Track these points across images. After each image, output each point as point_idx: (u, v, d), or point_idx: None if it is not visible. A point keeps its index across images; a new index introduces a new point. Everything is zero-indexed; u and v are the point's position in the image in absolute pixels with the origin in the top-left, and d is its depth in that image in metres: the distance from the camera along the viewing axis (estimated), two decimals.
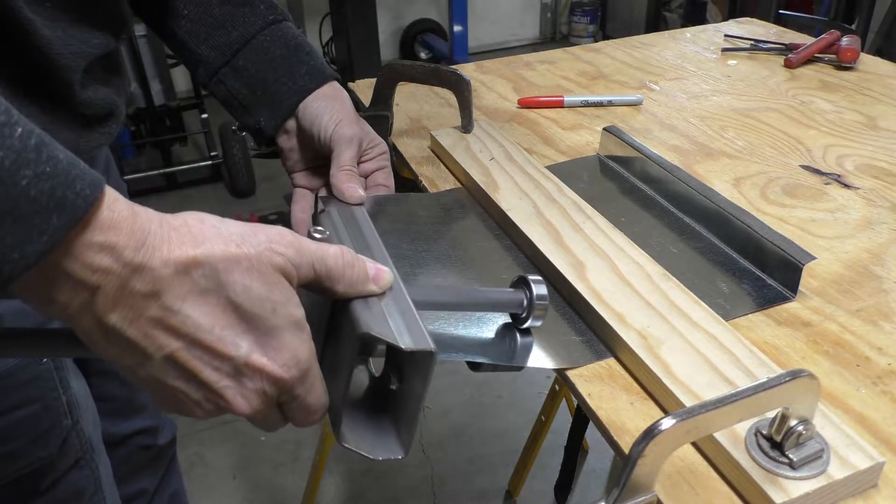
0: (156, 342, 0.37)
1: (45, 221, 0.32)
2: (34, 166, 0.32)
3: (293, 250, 0.40)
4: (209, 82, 0.70)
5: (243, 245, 0.39)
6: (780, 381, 0.39)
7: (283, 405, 0.43)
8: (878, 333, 0.55)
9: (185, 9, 0.68)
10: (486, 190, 0.73)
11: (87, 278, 0.34)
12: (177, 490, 1.04)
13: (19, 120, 0.33)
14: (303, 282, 0.42)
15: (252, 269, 0.39)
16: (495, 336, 0.56)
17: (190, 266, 0.37)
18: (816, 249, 0.65)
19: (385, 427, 0.46)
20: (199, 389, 0.39)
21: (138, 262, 0.35)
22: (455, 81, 0.82)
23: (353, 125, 0.68)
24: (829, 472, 0.41)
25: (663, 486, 0.43)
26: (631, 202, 0.74)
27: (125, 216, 0.35)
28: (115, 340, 0.37)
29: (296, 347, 0.41)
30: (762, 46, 1.16)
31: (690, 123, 0.92)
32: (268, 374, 0.40)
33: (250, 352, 0.39)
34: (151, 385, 0.40)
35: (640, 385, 0.51)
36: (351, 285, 0.43)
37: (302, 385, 0.42)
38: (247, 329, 0.39)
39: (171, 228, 0.37)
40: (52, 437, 0.61)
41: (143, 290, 0.36)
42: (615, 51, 1.19)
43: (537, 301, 0.53)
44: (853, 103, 0.95)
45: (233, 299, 0.38)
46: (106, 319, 0.36)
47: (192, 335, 0.38)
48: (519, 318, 0.55)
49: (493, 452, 1.72)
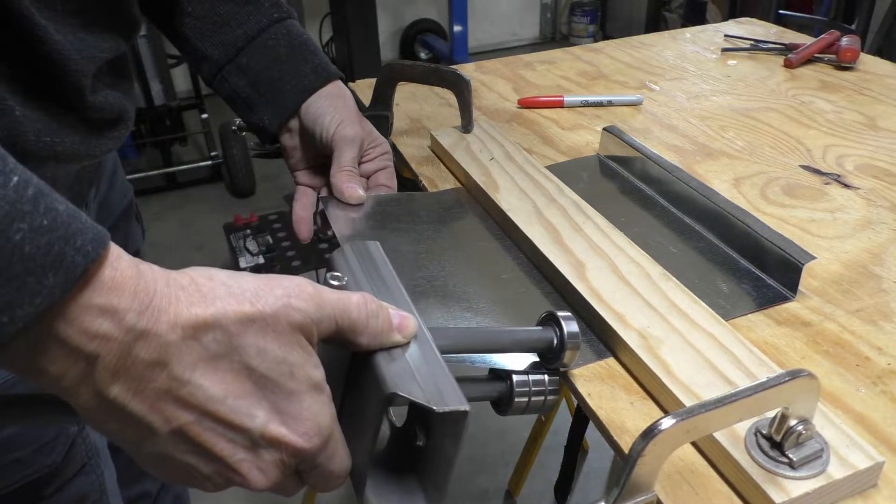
0: (163, 415, 0.34)
1: (40, 281, 0.29)
2: (30, 219, 0.29)
3: (313, 304, 0.37)
4: (213, 80, 0.70)
5: (258, 303, 0.35)
6: (779, 381, 0.39)
7: (303, 473, 0.40)
8: (877, 333, 0.55)
9: (190, 6, 0.68)
10: (486, 190, 0.73)
11: (84, 346, 0.31)
12: (180, 492, 1.04)
13: (15, 168, 0.30)
14: (323, 337, 0.38)
15: (268, 329, 0.35)
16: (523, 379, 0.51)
17: (200, 329, 0.34)
18: (816, 249, 0.65)
19: (411, 486, 0.42)
20: (212, 463, 0.36)
21: (142, 328, 0.32)
22: (455, 81, 0.82)
23: (355, 125, 0.68)
24: (828, 472, 0.41)
25: (663, 485, 0.43)
26: (631, 202, 0.74)
27: (129, 275, 0.32)
28: (117, 415, 0.33)
29: (316, 413, 0.37)
30: (762, 46, 1.16)
31: (690, 123, 0.92)
32: (286, 445, 0.37)
33: (267, 422, 0.36)
34: (157, 460, 0.36)
35: (640, 385, 0.51)
36: (375, 337, 0.40)
37: (324, 453, 0.38)
38: (262, 396, 0.36)
39: (179, 288, 0.34)
40: (58, 445, 0.61)
41: (147, 359, 0.32)
42: (615, 51, 1.19)
43: (570, 340, 0.48)
44: (853, 103, 0.95)
45: (247, 363, 0.35)
46: (106, 392, 0.32)
47: (204, 406, 0.34)
48: (548, 359, 0.50)
49: (493, 452, 1.72)
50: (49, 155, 0.48)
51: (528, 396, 0.48)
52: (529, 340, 0.50)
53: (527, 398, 0.49)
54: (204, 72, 0.70)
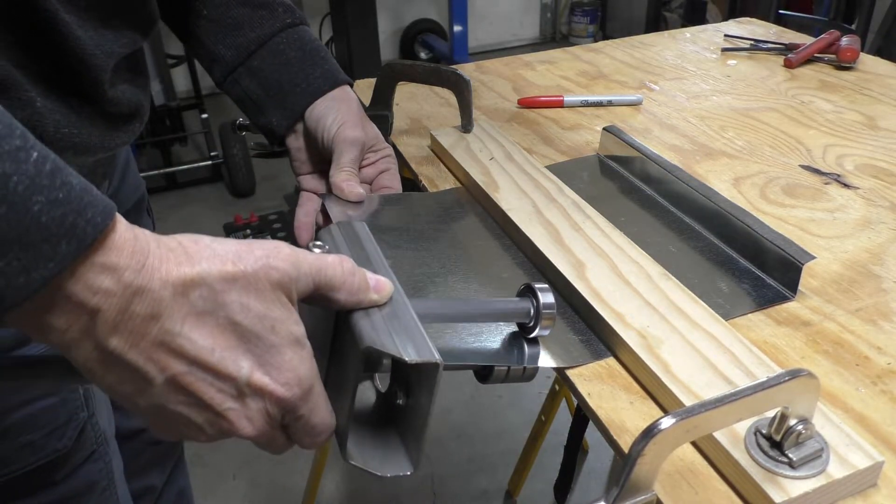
0: (158, 365, 0.36)
1: (54, 248, 0.32)
2: (47, 192, 0.32)
3: (289, 264, 0.39)
4: (224, 81, 0.71)
5: (239, 263, 0.38)
6: (779, 381, 0.39)
7: (288, 427, 0.42)
8: (877, 333, 0.55)
9: (205, 9, 0.69)
10: (486, 190, 0.73)
11: (87, 300, 0.34)
12: (184, 488, 1.04)
13: (35, 144, 0.32)
14: (302, 295, 0.41)
15: (249, 287, 0.38)
16: (501, 346, 0.55)
17: (188, 286, 0.36)
18: (816, 249, 0.65)
19: (392, 443, 0.45)
20: (203, 412, 0.39)
21: (139, 285, 0.35)
22: (455, 81, 0.82)
23: (357, 128, 0.68)
24: (828, 472, 0.41)
25: (663, 485, 0.43)
26: (631, 202, 0.74)
27: (127, 238, 0.35)
28: (115, 366, 0.36)
29: (296, 366, 0.40)
30: (762, 46, 1.16)
31: (690, 123, 0.92)
32: (269, 393, 0.39)
33: (252, 371, 0.38)
34: (152, 412, 0.39)
35: (640, 384, 0.51)
36: (352, 294, 0.42)
37: (305, 404, 0.41)
38: (247, 349, 0.38)
39: (168, 249, 0.37)
40: (68, 429, 0.62)
41: (143, 313, 0.35)
42: (615, 51, 1.19)
43: (545, 310, 0.52)
44: (853, 103, 0.96)
45: (232, 318, 0.38)
46: (106, 344, 0.35)
47: (194, 357, 0.37)
48: (526, 328, 0.54)
49: (493, 452, 1.72)
50: (67, 146, 0.50)
51: (508, 366, 0.52)
52: (508, 311, 0.53)
53: (506, 367, 0.52)
54: (216, 73, 0.71)
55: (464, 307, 0.52)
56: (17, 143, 0.31)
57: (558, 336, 0.56)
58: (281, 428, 0.42)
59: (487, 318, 0.54)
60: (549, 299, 0.52)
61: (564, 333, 0.57)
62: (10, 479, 0.60)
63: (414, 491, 1.64)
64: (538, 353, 0.54)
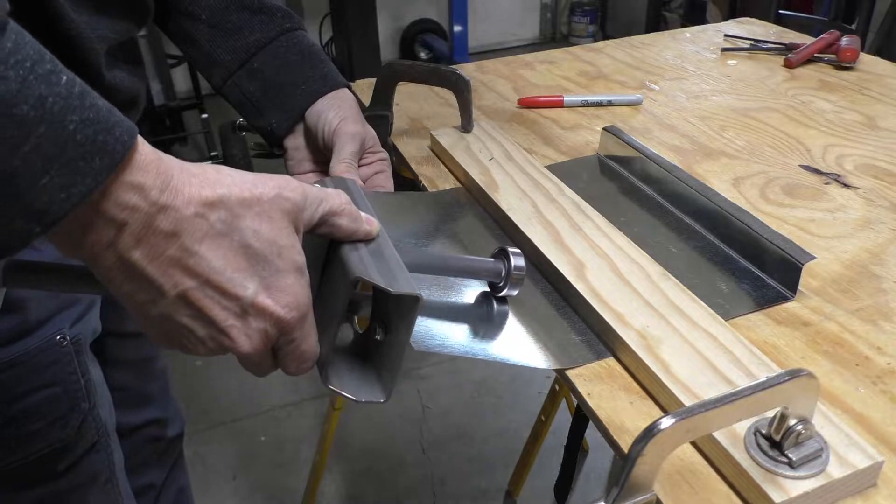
0: (172, 280, 0.39)
1: (89, 165, 0.34)
2: (80, 112, 0.34)
3: (299, 195, 0.43)
4: (223, 85, 0.71)
5: (255, 190, 0.41)
6: (779, 381, 0.39)
7: (278, 350, 0.45)
8: (877, 333, 0.55)
9: (203, 14, 0.69)
10: (486, 190, 0.73)
11: (116, 216, 0.36)
12: (183, 486, 1.05)
13: (63, 69, 0.34)
14: (308, 226, 0.44)
15: (263, 214, 0.41)
16: (474, 302, 0.59)
17: (209, 207, 0.39)
18: (816, 249, 0.65)
19: (368, 374, 0.49)
20: (207, 327, 0.41)
21: (163, 202, 0.37)
22: (455, 81, 0.82)
23: (358, 124, 0.69)
24: (828, 472, 0.41)
25: (663, 485, 0.43)
26: (631, 202, 0.74)
27: (152, 159, 0.37)
28: (134, 277, 0.39)
29: (297, 291, 0.43)
30: (762, 46, 1.16)
31: (690, 123, 0.92)
32: (271, 315, 0.42)
33: (256, 293, 0.41)
34: (160, 322, 0.41)
35: (640, 384, 0.51)
36: (352, 220, 0.47)
37: (300, 329, 0.44)
38: (254, 272, 0.41)
39: (191, 175, 0.39)
40: (70, 420, 0.63)
41: (165, 230, 0.38)
42: (615, 51, 1.19)
43: (515, 271, 0.56)
44: (853, 103, 0.96)
45: (244, 242, 0.40)
46: (128, 256, 0.37)
47: (206, 276, 0.40)
48: (497, 287, 0.58)
49: (493, 452, 1.72)
50: None
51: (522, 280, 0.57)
52: (482, 268, 0.58)
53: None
54: (215, 78, 0.71)
55: (442, 260, 0.57)
56: (49, 66, 0.34)
57: (558, 336, 0.56)
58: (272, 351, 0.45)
59: (463, 274, 0.58)
60: (520, 262, 0.56)
61: (565, 333, 0.57)
62: (15, 468, 0.62)
63: (414, 491, 1.64)
64: (506, 312, 0.58)
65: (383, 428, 1.79)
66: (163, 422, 0.95)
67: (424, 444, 1.74)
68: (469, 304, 0.59)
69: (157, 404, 0.94)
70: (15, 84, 0.32)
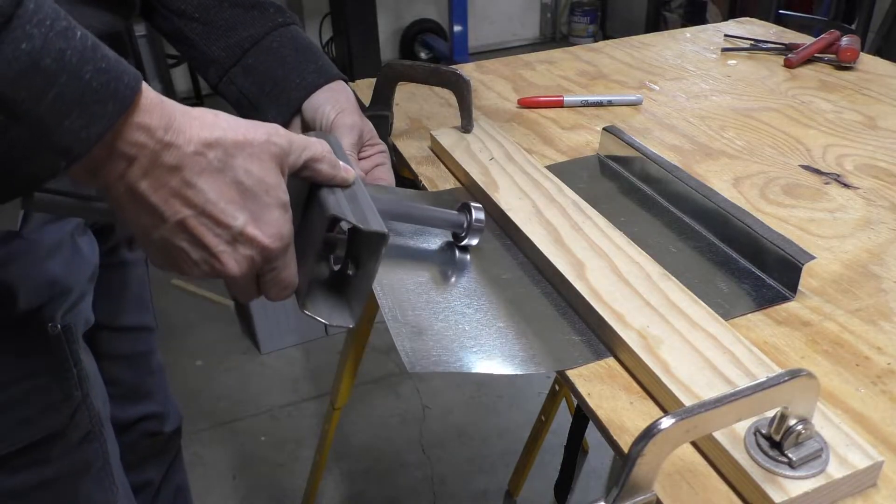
0: (172, 208, 0.44)
1: (103, 108, 0.39)
2: (93, 63, 0.39)
3: (286, 141, 0.49)
4: (219, 83, 0.72)
5: (248, 134, 0.46)
6: (779, 381, 0.39)
7: (262, 277, 0.50)
8: (877, 333, 0.55)
9: (196, 13, 0.70)
10: (486, 190, 0.73)
11: (127, 152, 0.42)
12: (181, 484, 1.05)
13: (76, 25, 0.39)
14: (292, 168, 0.50)
15: (253, 156, 0.46)
16: (438, 249, 0.67)
17: (208, 147, 0.44)
18: (816, 249, 0.65)
19: (340, 304, 0.55)
20: (201, 251, 0.46)
21: (168, 140, 0.43)
22: (455, 81, 0.82)
23: (355, 115, 0.69)
24: (828, 472, 0.41)
25: (663, 485, 0.43)
26: (631, 202, 0.74)
27: (156, 102, 0.43)
28: (140, 204, 0.44)
29: (281, 224, 0.48)
30: (762, 46, 1.16)
31: (690, 123, 0.92)
32: (257, 243, 0.47)
33: (245, 223, 0.47)
34: (159, 244, 0.46)
35: (640, 385, 0.51)
36: (331, 166, 0.52)
37: (282, 258, 0.50)
38: (245, 205, 0.46)
39: (192, 118, 0.45)
40: (63, 408, 0.64)
41: (169, 164, 0.43)
42: (615, 51, 1.19)
43: (475, 223, 0.64)
44: (853, 103, 0.96)
45: (237, 178, 0.46)
46: (136, 186, 0.43)
47: (202, 206, 0.45)
48: (459, 237, 0.65)
49: (493, 452, 1.72)
50: None
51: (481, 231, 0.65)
52: (447, 219, 0.64)
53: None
54: (211, 76, 0.71)
55: (411, 209, 0.63)
56: (65, 23, 0.38)
57: (558, 336, 0.56)
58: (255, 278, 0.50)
59: (429, 223, 0.65)
60: (480, 216, 0.64)
61: (564, 334, 0.57)
62: (7, 454, 0.62)
63: (414, 491, 1.64)
64: (467, 261, 0.66)
65: (383, 428, 1.79)
66: (160, 416, 0.96)
67: (424, 444, 1.75)
68: (434, 250, 0.67)
69: (153, 399, 0.94)
70: (39, 41, 0.37)
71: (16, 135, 0.39)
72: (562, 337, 0.56)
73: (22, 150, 0.40)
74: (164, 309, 2.12)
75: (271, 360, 2.01)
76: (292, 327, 2.02)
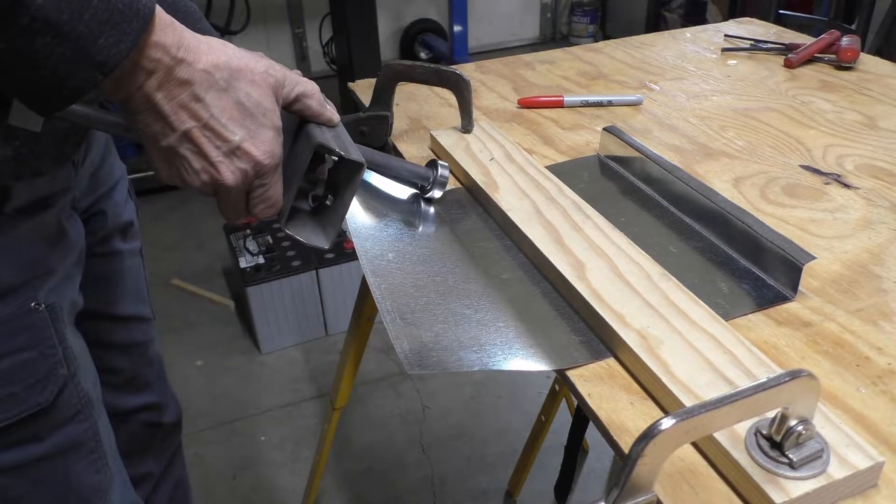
0: (180, 118, 0.50)
1: (129, 26, 0.45)
2: None
3: (282, 74, 0.56)
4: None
5: (250, 63, 0.53)
6: (779, 381, 0.39)
7: (251, 193, 0.56)
8: (877, 333, 0.55)
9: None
10: (486, 190, 0.73)
11: (146, 66, 0.48)
12: (181, 479, 1.06)
13: None
14: (285, 100, 0.57)
15: (254, 83, 0.53)
16: (407, 199, 0.76)
17: (215, 67, 0.51)
18: (816, 249, 0.65)
19: (317, 228, 0.63)
20: (201, 160, 0.53)
21: (181, 57, 0.49)
22: (455, 81, 0.82)
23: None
24: (828, 472, 0.41)
25: (663, 485, 0.43)
26: (631, 202, 0.74)
27: (168, 22, 0.49)
28: (153, 112, 0.50)
29: (273, 145, 0.55)
30: (762, 46, 1.16)
31: (690, 123, 0.92)
32: (252, 157, 0.54)
33: (243, 139, 0.53)
34: (165, 151, 0.52)
35: (640, 385, 0.51)
36: (320, 104, 0.59)
37: (271, 175, 0.56)
38: (243, 124, 0.53)
39: (201, 41, 0.51)
40: (48, 384, 0.65)
41: (181, 78, 0.49)
42: (615, 51, 1.19)
43: (440, 177, 0.74)
44: (853, 103, 0.95)
45: (238, 99, 0.52)
46: (152, 96, 0.49)
47: (207, 120, 0.51)
48: (425, 189, 0.75)
49: (493, 452, 1.72)
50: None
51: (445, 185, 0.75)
52: (415, 171, 0.75)
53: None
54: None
55: (385, 158, 0.73)
56: None
57: (558, 336, 0.56)
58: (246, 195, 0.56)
59: (400, 174, 0.74)
60: (445, 172, 0.75)
61: (564, 334, 0.57)
62: None
63: (414, 491, 1.64)
64: (431, 213, 0.74)
65: (383, 428, 1.79)
66: (158, 407, 0.96)
67: (424, 444, 1.74)
68: (403, 199, 0.76)
69: (151, 389, 0.95)
70: None
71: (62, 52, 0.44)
72: (562, 337, 0.56)
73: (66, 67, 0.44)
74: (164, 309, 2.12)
75: (271, 360, 2.01)
76: (292, 327, 2.02)
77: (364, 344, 1.19)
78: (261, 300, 1.94)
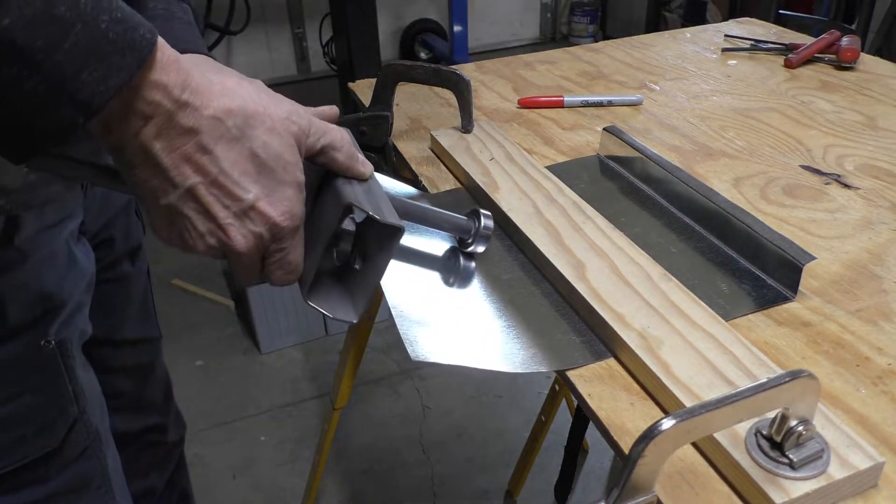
0: (183, 173, 0.43)
1: (121, 59, 0.38)
2: (109, 13, 0.38)
3: (306, 122, 0.48)
4: None
5: (269, 109, 0.45)
6: (780, 382, 0.39)
7: (268, 258, 0.48)
8: (878, 333, 0.55)
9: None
10: (487, 190, 0.73)
11: (143, 109, 0.40)
12: (185, 491, 1.04)
13: None
14: (310, 151, 0.49)
15: (273, 131, 0.45)
16: (443, 255, 0.66)
17: (227, 113, 0.43)
18: (816, 249, 0.65)
19: (344, 298, 0.53)
20: (207, 222, 0.45)
21: (185, 100, 0.41)
22: (455, 81, 0.82)
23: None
24: (829, 473, 0.41)
25: (663, 486, 0.43)
26: (631, 202, 0.74)
27: (172, 59, 0.41)
28: (151, 165, 0.42)
29: (294, 203, 0.47)
30: (762, 46, 1.16)
31: (690, 123, 0.92)
32: (267, 219, 0.46)
33: (257, 198, 0.45)
34: (166, 212, 0.45)
35: (640, 385, 0.51)
36: (349, 157, 0.51)
37: (291, 239, 0.48)
38: (259, 179, 0.45)
39: (210, 81, 0.43)
40: (58, 425, 0.62)
41: (185, 126, 0.42)
42: (615, 51, 1.19)
43: (483, 230, 0.63)
44: (853, 103, 0.95)
45: (254, 151, 0.44)
46: (149, 146, 0.41)
47: (215, 175, 0.44)
48: (465, 243, 0.65)
49: (493, 452, 1.72)
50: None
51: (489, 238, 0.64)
52: (455, 223, 0.64)
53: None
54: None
55: (423, 210, 0.62)
56: None
57: (558, 336, 0.56)
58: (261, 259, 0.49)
59: (439, 226, 0.64)
60: (489, 223, 0.63)
61: (564, 334, 0.57)
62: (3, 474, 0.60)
63: (414, 491, 1.64)
64: (472, 268, 0.65)
65: (383, 428, 1.79)
66: (162, 427, 0.94)
67: (424, 444, 1.74)
68: (439, 256, 0.66)
69: (156, 410, 0.93)
70: None
71: (32, 87, 0.36)
72: (562, 337, 0.56)
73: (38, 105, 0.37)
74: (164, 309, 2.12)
75: (271, 360, 2.01)
76: (292, 327, 2.02)
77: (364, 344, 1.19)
78: (261, 300, 1.94)
